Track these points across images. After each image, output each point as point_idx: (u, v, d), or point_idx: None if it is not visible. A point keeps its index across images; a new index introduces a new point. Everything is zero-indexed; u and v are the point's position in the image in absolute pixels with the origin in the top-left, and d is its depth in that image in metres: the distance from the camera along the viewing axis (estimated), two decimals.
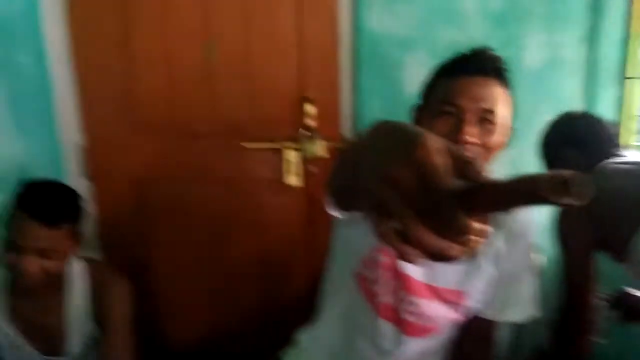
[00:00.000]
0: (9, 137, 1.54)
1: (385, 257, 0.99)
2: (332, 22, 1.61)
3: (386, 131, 0.47)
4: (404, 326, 1.02)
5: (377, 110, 1.66)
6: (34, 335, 1.28)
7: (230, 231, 1.77)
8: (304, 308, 1.30)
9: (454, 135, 0.88)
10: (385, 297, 1.01)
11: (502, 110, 0.93)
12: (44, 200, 1.16)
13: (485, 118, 0.91)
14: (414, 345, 1.04)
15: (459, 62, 0.96)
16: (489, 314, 1.05)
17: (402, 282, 1.00)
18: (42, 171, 1.57)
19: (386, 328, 1.03)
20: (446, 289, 1.01)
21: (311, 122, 1.63)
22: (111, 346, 1.29)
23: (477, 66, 0.93)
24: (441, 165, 0.39)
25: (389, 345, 1.04)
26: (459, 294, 1.01)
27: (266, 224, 1.75)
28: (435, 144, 0.40)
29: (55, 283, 1.26)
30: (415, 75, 1.61)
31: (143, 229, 1.75)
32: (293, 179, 1.69)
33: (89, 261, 1.36)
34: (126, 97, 1.64)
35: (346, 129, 1.72)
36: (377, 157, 0.44)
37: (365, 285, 1.03)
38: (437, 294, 1.01)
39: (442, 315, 1.03)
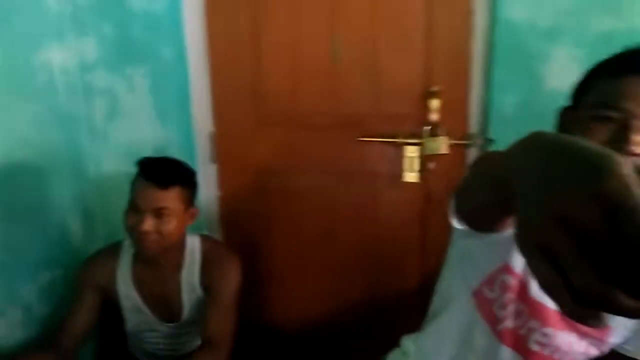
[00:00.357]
0: (149, 122, 1.69)
1: (515, 280, 0.88)
2: (466, 12, 1.51)
3: (554, 148, 0.37)
4: (530, 356, 0.91)
5: (510, 106, 1.53)
6: (152, 301, 1.41)
7: (344, 224, 1.77)
8: (412, 310, 1.25)
9: (616, 144, 0.75)
10: (511, 323, 0.91)
11: None
12: (157, 166, 1.30)
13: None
14: None
15: (624, 59, 0.81)
16: (630, 350, 0.90)
17: (534, 310, 0.88)
18: (175, 154, 1.69)
19: (508, 356, 0.93)
20: None
21: (435, 118, 1.56)
22: (213, 319, 1.34)
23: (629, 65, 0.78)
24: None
25: None
26: (605, 329, 0.88)
27: (380, 220, 1.73)
28: (630, 171, 0.30)
29: (173, 256, 1.37)
30: (559, 69, 1.46)
31: (262, 214, 1.82)
32: (411, 176, 1.63)
33: (204, 237, 1.46)
34: (254, 89, 1.70)
35: (473, 126, 1.61)
36: (543, 184, 0.34)
37: (486, 306, 0.93)
38: (576, 327, 0.88)
39: (578, 351, 0.90)
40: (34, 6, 1.46)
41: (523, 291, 0.88)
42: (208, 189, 1.79)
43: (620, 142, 0.75)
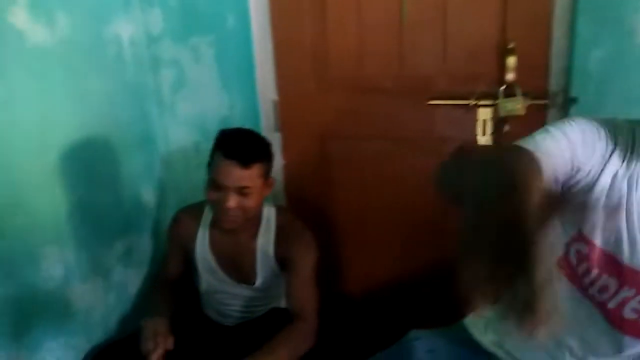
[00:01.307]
0: (215, 92, 1.70)
1: (590, 249, 0.82)
2: None
3: (495, 160, 0.51)
4: (624, 325, 0.85)
5: (595, 62, 1.40)
6: (228, 265, 1.46)
7: (409, 191, 1.71)
8: None
9: None
10: (600, 291, 0.85)
11: None
12: (238, 144, 1.28)
13: None
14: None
15: None
16: None
17: (627, 278, 0.81)
18: (240, 123, 1.70)
19: (603, 326, 0.87)
20: None
21: (511, 77, 1.46)
22: (298, 294, 1.37)
23: None
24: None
25: (604, 347, 0.88)
26: None
27: None
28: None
29: (250, 225, 1.40)
30: None
31: (326, 182, 1.80)
32: (484, 140, 1.55)
33: (280, 208, 1.49)
34: (318, 55, 1.66)
35: (553, 85, 1.50)
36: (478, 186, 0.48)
37: (572, 274, 0.87)
38: None
39: None
40: None
41: (609, 261, 0.81)
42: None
43: None
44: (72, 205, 1.38)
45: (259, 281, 1.44)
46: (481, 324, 1.07)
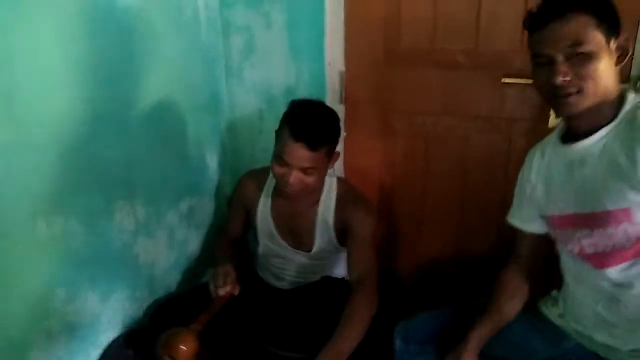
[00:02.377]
0: (283, 59, 1.70)
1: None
2: None
3: None
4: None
5: None
6: (286, 231, 1.48)
7: (475, 172, 1.69)
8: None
9: (551, 80, 0.95)
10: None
11: (592, 36, 0.93)
12: (308, 125, 1.26)
13: (574, 53, 0.94)
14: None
15: (535, 17, 1.00)
16: None
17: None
18: (306, 93, 1.70)
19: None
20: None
21: None
22: (359, 260, 1.37)
23: (548, 12, 0.97)
24: None
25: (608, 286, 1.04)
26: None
27: (516, 170, 1.61)
28: None
29: (312, 195, 1.41)
30: None
31: (388, 158, 1.78)
32: (557, 122, 1.49)
33: (340, 179, 1.49)
34: (389, 28, 1.64)
35: (636, 68, 1.42)
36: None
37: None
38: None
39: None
40: None
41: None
42: None
43: (551, 78, 0.95)
44: (142, 162, 1.41)
45: (315, 248, 1.46)
46: (549, 301, 1.22)
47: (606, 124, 0.98)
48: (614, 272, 1.01)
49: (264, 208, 1.49)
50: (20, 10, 1.00)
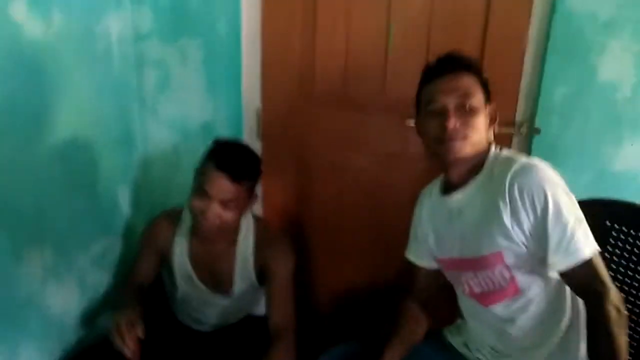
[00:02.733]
0: (200, 96, 1.70)
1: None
2: (525, 2, 1.51)
3: None
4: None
5: (560, 97, 1.54)
6: (205, 274, 1.45)
7: (386, 206, 1.79)
8: (449, 292, 1.33)
9: (442, 125, 1.09)
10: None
11: (477, 94, 1.12)
12: (233, 157, 1.29)
13: (463, 104, 1.09)
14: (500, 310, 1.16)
15: (430, 70, 1.18)
16: None
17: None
18: (223, 129, 1.73)
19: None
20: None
21: None
22: (277, 299, 1.39)
23: (446, 66, 1.14)
24: None
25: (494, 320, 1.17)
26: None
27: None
28: None
29: (229, 234, 1.41)
30: (614, 61, 1.47)
31: (303, 192, 1.84)
32: None
33: (256, 217, 1.50)
34: (304, 68, 1.71)
35: (520, 115, 1.63)
36: None
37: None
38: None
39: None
40: None
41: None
42: None
43: (444, 123, 1.09)
44: (51, 204, 1.34)
45: (235, 290, 1.45)
46: (454, 330, 1.34)
47: (475, 176, 1.14)
48: (499, 308, 1.15)
49: (180, 251, 1.44)
50: None
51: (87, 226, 1.51)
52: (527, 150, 1.62)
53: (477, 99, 1.11)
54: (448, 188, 1.21)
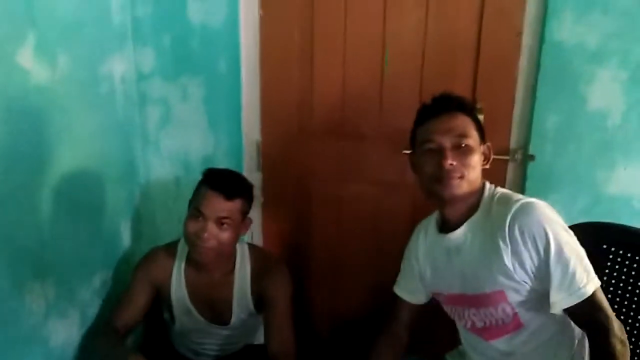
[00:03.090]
0: (201, 131, 1.75)
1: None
2: (515, 33, 1.56)
3: None
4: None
5: (552, 125, 1.58)
6: (202, 305, 1.46)
7: (386, 229, 1.82)
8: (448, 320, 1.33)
9: (439, 164, 1.11)
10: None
11: (472, 133, 1.15)
12: (225, 178, 1.36)
13: (459, 144, 1.12)
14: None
15: (426, 110, 1.20)
16: None
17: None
18: (223, 162, 1.77)
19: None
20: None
21: None
22: (276, 327, 1.40)
23: (442, 107, 1.17)
24: None
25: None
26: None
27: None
28: None
29: (225, 263, 1.43)
30: (603, 90, 1.51)
31: (303, 221, 1.87)
32: None
33: (251, 245, 1.52)
34: (302, 103, 1.76)
35: (514, 143, 1.66)
36: None
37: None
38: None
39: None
40: (100, 20, 1.53)
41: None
42: None
43: (441, 161, 1.10)
44: (54, 239, 1.37)
45: (234, 320, 1.46)
46: (456, 355, 1.36)
47: (471, 214, 1.15)
48: (500, 342, 1.16)
49: (178, 282, 1.45)
50: None
51: (89, 259, 1.53)
52: (523, 176, 1.65)
53: (473, 138, 1.14)
54: (444, 226, 1.21)
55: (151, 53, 1.70)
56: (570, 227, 1.11)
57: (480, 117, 1.58)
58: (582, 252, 1.06)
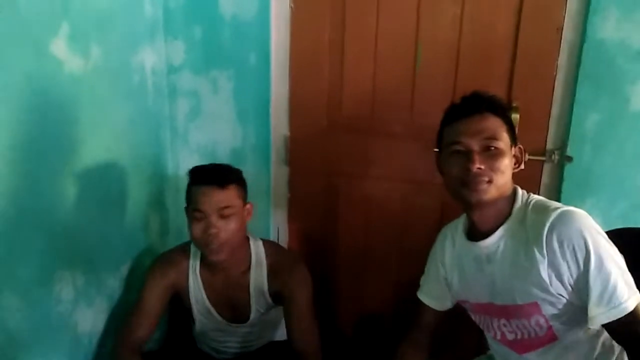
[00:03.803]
0: (229, 124, 1.75)
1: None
2: (555, 29, 1.50)
3: None
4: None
5: (592, 125, 1.52)
6: (221, 304, 1.44)
7: (412, 232, 1.79)
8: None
9: (466, 167, 1.06)
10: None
11: (503, 136, 1.08)
12: (211, 170, 1.33)
13: (488, 146, 1.06)
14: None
15: (455, 109, 1.14)
16: None
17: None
18: (251, 155, 1.77)
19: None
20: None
21: None
22: (300, 331, 1.38)
23: (471, 107, 1.11)
24: None
25: None
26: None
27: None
28: None
29: (240, 260, 1.40)
30: None
31: (329, 217, 1.85)
32: None
33: (267, 242, 1.49)
34: (332, 97, 1.74)
35: (551, 143, 1.60)
36: None
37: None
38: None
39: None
40: (132, 11, 1.54)
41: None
42: (279, 190, 1.84)
43: (467, 165, 1.05)
44: (84, 228, 1.39)
45: (253, 317, 1.44)
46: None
47: (503, 222, 1.09)
48: (534, 355, 1.11)
49: (195, 285, 1.43)
50: None
51: (117, 248, 1.55)
52: (559, 178, 1.60)
53: (503, 141, 1.07)
54: (473, 232, 1.16)
55: (182, 45, 1.70)
56: (607, 233, 1.05)
57: (516, 116, 1.55)
58: (623, 264, 1.00)
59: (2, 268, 1.12)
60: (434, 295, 1.30)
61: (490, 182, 1.05)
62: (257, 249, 1.44)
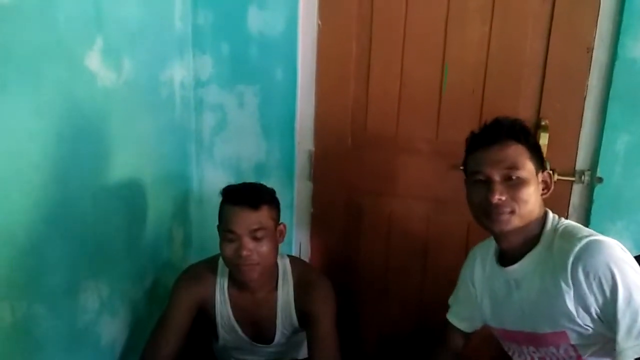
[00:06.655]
0: (254, 138, 1.77)
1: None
2: (586, 48, 1.49)
3: None
4: None
5: (623, 145, 1.49)
6: (246, 323, 1.42)
7: (434, 250, 1.77)
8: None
9: (487, 198, 1.05)
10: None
11: (526, 164, 1.06)
12: (245, 190, 1.32)
13: (510, 176, 1.05)
14: None
15: (476, 139, 1.13)
16: None
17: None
18: (275, 170, 1.77)
19: None
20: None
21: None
22: (322, 344, 1.34)
23: (491, 136, 1.09)
24: None
25: None
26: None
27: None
28: None
29: (268, 278, 1.38)
30: None
31: (352, 234, 1.84)
32: None
33: (293, 258, 1.48)
34: (357, 114, 1.74)
35: (581, 163, 1.57)
36: None
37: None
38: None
39: None
40: (163, 26, 1.57)
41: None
42: (302, 205, 1.84)
43: (488, 196, 1.04)
44: (110, 239, 1.40)
45: (278, 338, 1.42)
46: None
47: (532, 247, 1.07)
48: None
49: (221, 301, 1.41)
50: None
51: (141, 260, 1.56)
52: (589, 200, 1.56)
53: (526, 169, 1.05)
54: (503, 257, 1.14)
55: (209, 60, 1.73)
56: (637, 258, 1.02)
57: (545, 135, 1.53)
58: None
59: (32, 277, 1.13)
60: (463, 316, 1.28)
61: (512, 212, 1.04)
62: (284, 266, 1.43)
